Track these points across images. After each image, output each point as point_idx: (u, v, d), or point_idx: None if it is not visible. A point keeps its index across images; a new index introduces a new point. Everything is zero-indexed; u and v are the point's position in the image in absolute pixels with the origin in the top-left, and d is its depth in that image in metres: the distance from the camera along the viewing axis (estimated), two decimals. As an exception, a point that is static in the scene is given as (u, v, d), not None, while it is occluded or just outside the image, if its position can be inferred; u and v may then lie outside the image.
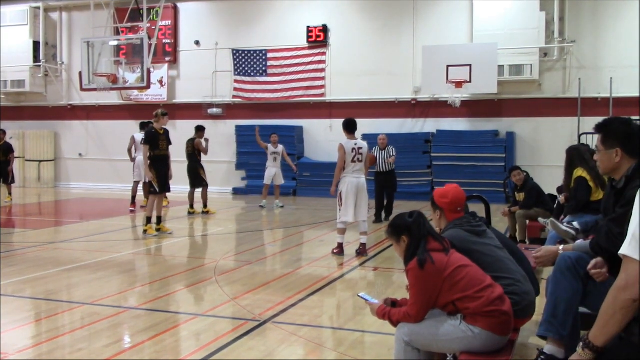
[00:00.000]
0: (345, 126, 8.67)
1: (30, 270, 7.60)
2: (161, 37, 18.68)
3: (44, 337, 5.08)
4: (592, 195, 6.46)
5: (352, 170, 8.46)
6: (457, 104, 15.48)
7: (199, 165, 13.29)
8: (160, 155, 10.23)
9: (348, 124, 8.68)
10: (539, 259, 3.79)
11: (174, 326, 5.42)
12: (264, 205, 14.23)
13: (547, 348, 3.46)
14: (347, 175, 8.48)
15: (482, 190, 13.35)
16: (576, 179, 6.62)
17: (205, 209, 13.13)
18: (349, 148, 8.41)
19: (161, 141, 10.24)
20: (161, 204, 10.45)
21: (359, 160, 8.49)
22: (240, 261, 8.49)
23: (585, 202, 6.45)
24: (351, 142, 8.50)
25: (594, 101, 15.43)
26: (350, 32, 17.58)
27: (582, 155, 6.76)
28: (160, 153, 10.23)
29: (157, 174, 10.13)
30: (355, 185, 8.42)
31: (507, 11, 15.60)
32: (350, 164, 8.44)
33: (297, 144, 17.68)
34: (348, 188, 8.40)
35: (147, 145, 10.12)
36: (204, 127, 13.56)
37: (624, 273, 2.19)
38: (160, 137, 10.24)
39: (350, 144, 8.46)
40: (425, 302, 3.41)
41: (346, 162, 8.42)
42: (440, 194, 3.93)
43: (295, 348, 4.79)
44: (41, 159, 20.54)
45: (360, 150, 8.50)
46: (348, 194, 8.41)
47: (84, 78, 14.26)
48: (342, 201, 8.45)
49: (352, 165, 8.45)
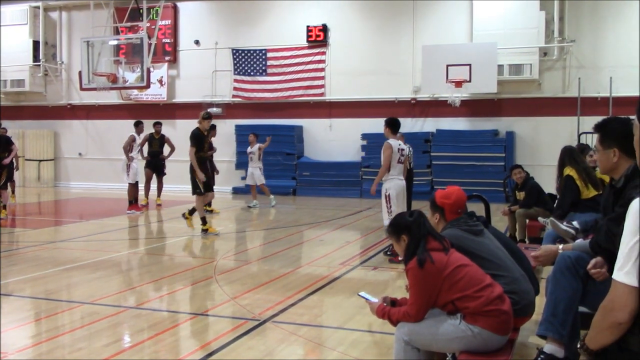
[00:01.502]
0: (390, 124, 8.28)
1: (29, 269, 7.60)
2: (161, 36, 18.66)
3: (43, 337, 5.08)
4: (582, 194, 6.54)
5: (397, 172, 8.16)
6: (456, 103, 15.48)
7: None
8: (204, 157, 10.35)
9: (393, 123, 8.30)
10: (539, 259, 3.80)
11: (174, 325, 5.42)
12: (252, 205, 14.16)
13: (547, 347, 3.47)
14: (394, 177, 8.15)
15: (481, 189, 13.34)
16: (564, 177, 6.70)
17: (209, 207, 13.12)
18: (396, 148, 8.10)
19: (205, 143, 10.32)
20: (206, 200, 10.56)
21: (401, 162, 8.21)
22: (239, 260, 8.49)
23: (571, 201, 6.52)
24: (397, 141, 8.21)
25: (594, 101, 15.42)
26: (350, 32, 17.57)
27: (572, 155, 6.85)
28: (204, 155, 10.34)
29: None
30: (401, 187, 8.13)
31: (506, 11, 15.59)
32: (396, 165, 8.13)
33: (296, 143, 17.68)
34: (397, 191, 8.07)
35: (194, 148, 10.01)
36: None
37: (610, 295, 2.17)
38: (204, 138, 10.26)
39: (396, 143, 8.16)
40: (424, 302, 3.41)
41: (391, 163, 8.09)
42: (442, 195, 3.95)
43: (295, 347, 4.79)
44: (41, 158, 20.52)
45: (403, 151, 8.24)
46: (397, 196, 8.12)
47: (83, 77, 14.26)
48: (390, 203, 8.08)
49: (397, 167, 8.15)
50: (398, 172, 8.17)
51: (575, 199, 6.53)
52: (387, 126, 8.28)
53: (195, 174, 10.02)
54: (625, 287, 2.12)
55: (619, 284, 2.14)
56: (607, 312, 2.18)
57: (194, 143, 10.02)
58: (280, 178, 17.59)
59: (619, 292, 2.14)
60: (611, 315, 2.17)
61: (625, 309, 2.12)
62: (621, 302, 2.13)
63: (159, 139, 14.27)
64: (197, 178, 9.98)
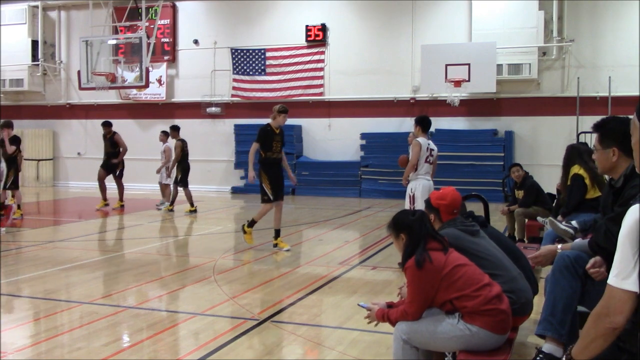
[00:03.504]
0: (420, 122, 8.02)
1: (28, 269, 7.60)
2: (160, 36, 18.67)
3: (42, 336, 5.07)
4: (588, 193, 6.48)
5: (424, 171, 7.97)
6: (455, 103, 15.48)
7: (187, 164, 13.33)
8: (273, 158, 8.88)
9: (423, 121, 8.04)
10: (537, 259, 3.80)
11: (173, 325, 5.41)
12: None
13: (546, 347, 3.47)
14: (420, 176, 7.92)
15: (480, 189, 13.34)
16: (572, 176, 6.63)
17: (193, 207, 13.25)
18: (425, 146, 7.94)
19: (275, 142, 8.86)
20: (279, 214, 8.99)
21: (430, 161, 8.03)
22: (238, 260, 8.49)
23: (578, 200, 6.46)
24: (426, 140, 8.02)
25: (593, 100, 15.43)
26: (349, 31, 17.57)
27: (581, 154, 6.77)
28: (273, 155, 8.86)
29: (270, 179, 8.80)
30: (428, 188, 7.90)
31: (505, 10, 15.61)
32: (424, 165, 7.94)
33: (295, 143, 17.68)
34: (423, 191, 7.83)
35: (258, 144, 8.78)
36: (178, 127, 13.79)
37: (604, 300, 2.15)
38: (275, 136, 8.87)
39: (425, 142, 7.99)
40: (422, 300, 3.42)
41: (419, 162, 7.92)
42: (438, 196, 3.99)
43: (294, 347, 4.79)
44: (40, 157, 20.51)
45: (432, 151, 8.05)
46: (423, 196, 7.81)
47: (82, 77, 14.25)
48: (414, 204, 7.86)
49: (425, 166, 7.95)
50: (425, 172, 7.97)
51: (582, 198, 6.48)
52: (417, 124, 8.06)
53: (261, 179, 8.79)
54: (624, 293, 2.09)
55: (615, 290, 2.11)
56: (602, 317, 2.15)
57: (260, 139, 8.75)
58: (279, 178, 17.59)
59: (616, 297, 2.11)
60: (606, 321, 2.14)
61: (622, 314, 2.10)
62: (618, 307, 2.11)
63: (109, 139, 13.88)
64: (263, 184, 8.75)
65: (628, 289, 2.09)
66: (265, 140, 8.74)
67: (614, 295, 2.12)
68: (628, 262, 2.09)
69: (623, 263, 2.10)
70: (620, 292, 2.11)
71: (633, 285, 2.08)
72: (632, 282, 2.08)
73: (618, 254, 2.12)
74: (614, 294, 2.12)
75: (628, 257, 2.09)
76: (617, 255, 2.12)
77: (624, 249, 2.10)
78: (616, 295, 2.12)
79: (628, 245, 2.09)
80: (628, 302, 2.11)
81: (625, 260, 2.09)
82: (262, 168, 8.82)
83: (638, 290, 2.08)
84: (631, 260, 2.08)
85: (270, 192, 8.71)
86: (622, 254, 2.10)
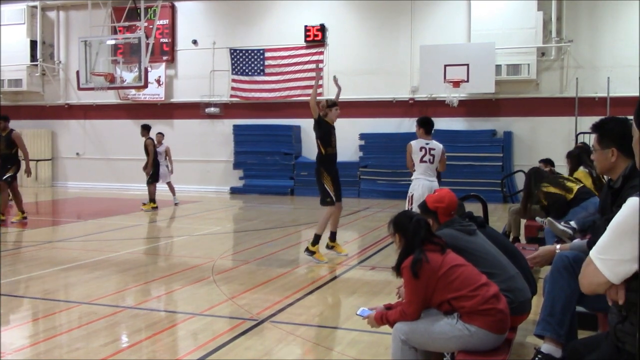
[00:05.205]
0: (421, 123, 7.95)
1: (27, 269, 7.59)
2: (158, 36, 18.64)
3: (41, 337, 5.07)
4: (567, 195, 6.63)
5: (422, 171, 7.89)
6: (454, 103, 15.48)
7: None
8: (334, 154, 8.13)
9: (423, 122, 7.96)
10: (535, 260, 3.81)
11: (172, 325, 5.41)
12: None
13: (545, 347, 3.48)
14: (419, 177, 7.85)
15: (479, 189, 13.34)
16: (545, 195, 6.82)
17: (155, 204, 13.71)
18: (417, 147, 7.86)
19: (333, 136, 8.12)
20: (338, 216, 8.37)
21: (429, 161, 7.89)
22: (237, 260, 8.49)
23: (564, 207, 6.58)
24: (422, 141, 7.92)
25: (592, 100, 15.44)
26: (347, 32, 17.57)
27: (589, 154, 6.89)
28: (333, 151, 8.11)
29: (333, 179, 8.10)
30: (428, 188, 7.74)
31: (504, 11, 15.61)
32: (420, 165, 7.86)
33: (294, 143, 17.69)
34: (422, 191, 7.73)
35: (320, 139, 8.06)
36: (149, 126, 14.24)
37: (583, 268, 2.23)
38: (333, 131, 8.13)
39: (421, 142, 7.89)
40: (420, 300, 3.44)
41: (415, 163, 7.88)
42: (435, 199, 4.00)
43: (293, 347, 4.79)
44: (38, 158, 20.48)
45: (431, 150, 7.92)
46: (422, 197, 7.80)
47: (81, 77, 14.24)
48: (411, 205, 7.77)
49: (423, 166, 7.87)
50: (422, 172, 7.88)
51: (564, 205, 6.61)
52: (419, 126, 7.97)
53: (322, 179, 8.07)
54: (596, 272, 2.14)
55: (590, 261, 2.17)
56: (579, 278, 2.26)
57: (322, 130, 8.00)
58: (278, 178, 17.62)
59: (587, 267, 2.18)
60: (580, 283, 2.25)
61: (589, 287, 2.19)
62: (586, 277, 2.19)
63: (5, 137, 11.29)
64: (325, 185, 8.07)
65: (601, 270, 2.13)
66: (325, 135, 8.01)
67: (587, 265, 2.19)
68: (614, 247, 2.12)
69: (610, 245, 2.13)
70: (590, 261, 2.17)
71: (605, 269, 2.12)
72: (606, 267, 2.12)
73: (608, 233, 2.14)
74: (588, 262, 2.19)
75: (614, 244, 2.12)
76: (608, 234, 2.15)
77: (615, 229, 2.12)
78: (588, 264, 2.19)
79: (621, 232, 2.11)
80: (596, 284, 2.17)
81: (612, 243, 2.13)
82: (323, 166, 8.12)
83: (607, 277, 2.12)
84: (616, 248, 2.11)
85: (334, 193, 8.12)
86: (611, 234, 2.13)
